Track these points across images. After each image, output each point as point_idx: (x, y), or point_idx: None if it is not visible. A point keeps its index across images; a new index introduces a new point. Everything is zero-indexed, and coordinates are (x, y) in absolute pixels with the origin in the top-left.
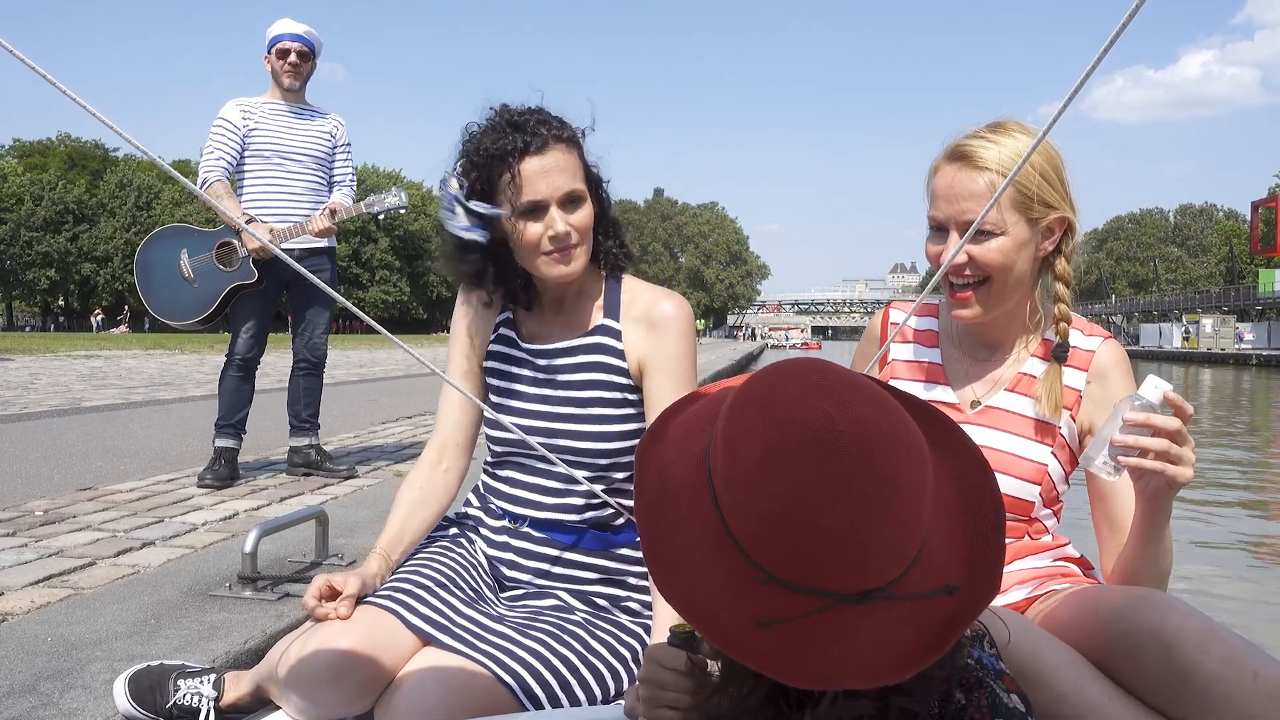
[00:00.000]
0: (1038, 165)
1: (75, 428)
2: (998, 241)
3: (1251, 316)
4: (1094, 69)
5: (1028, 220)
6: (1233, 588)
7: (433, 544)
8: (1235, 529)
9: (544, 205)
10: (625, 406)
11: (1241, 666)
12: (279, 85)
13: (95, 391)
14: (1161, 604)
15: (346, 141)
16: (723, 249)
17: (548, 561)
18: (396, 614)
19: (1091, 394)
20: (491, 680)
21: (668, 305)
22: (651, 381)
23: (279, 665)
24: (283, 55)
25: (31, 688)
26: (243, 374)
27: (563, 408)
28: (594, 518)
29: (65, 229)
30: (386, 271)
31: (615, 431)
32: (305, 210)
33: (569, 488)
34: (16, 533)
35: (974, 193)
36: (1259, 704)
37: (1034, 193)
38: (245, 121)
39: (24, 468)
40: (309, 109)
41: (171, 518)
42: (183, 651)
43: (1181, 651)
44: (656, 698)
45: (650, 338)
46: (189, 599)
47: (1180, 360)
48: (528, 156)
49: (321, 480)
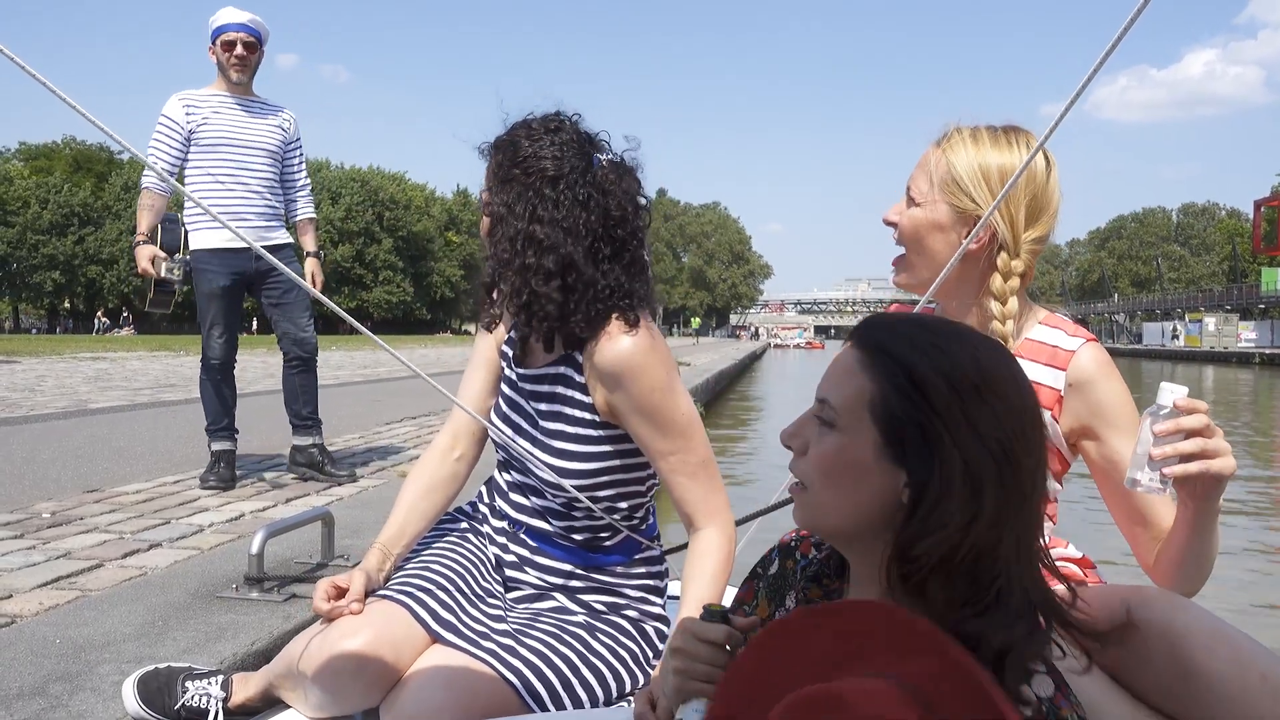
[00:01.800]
0: (984, 164)
1: (81, 429)
2: (916, 210)
3: (1254, 315)
4: (1093, 75)
5: (948, 204)
6: (1242, 591)
7: (443, 537)
8: (1246, 533)
9: None
10: (589, 443)
11: (1249, 667)
12: (225, 78)
13: (101, 393)
14: (1170, 603)
15: (298, 137)
16: (725, 249)
17: (544, 571)
18: (409, 609)
19: (1074, 406)
20: (495, 680)
21: (626, 343)
22: (631, 422)
23: (300, 660)
24: (228, 47)
25: (41, 690)
26: (221, 377)
27: (532, 431)
28: (583, 539)
29: (71, 232)
30: (390, 272)
31: (575, 469)
32: (259, 204)
33: (552, 506)
34: (24, 535)
35: (921, 165)
36: (1266, 705)
37: (963, 184)
38: (190, 117)
39: (31, 469)
40: (259, 102)
41: (178, 519)
42: (190, 653)
43: (1189, 651)
44: (690, 669)
45: (614, 387)
46: (196, 600)
47: (1184, 359)
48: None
49: (326, 481)
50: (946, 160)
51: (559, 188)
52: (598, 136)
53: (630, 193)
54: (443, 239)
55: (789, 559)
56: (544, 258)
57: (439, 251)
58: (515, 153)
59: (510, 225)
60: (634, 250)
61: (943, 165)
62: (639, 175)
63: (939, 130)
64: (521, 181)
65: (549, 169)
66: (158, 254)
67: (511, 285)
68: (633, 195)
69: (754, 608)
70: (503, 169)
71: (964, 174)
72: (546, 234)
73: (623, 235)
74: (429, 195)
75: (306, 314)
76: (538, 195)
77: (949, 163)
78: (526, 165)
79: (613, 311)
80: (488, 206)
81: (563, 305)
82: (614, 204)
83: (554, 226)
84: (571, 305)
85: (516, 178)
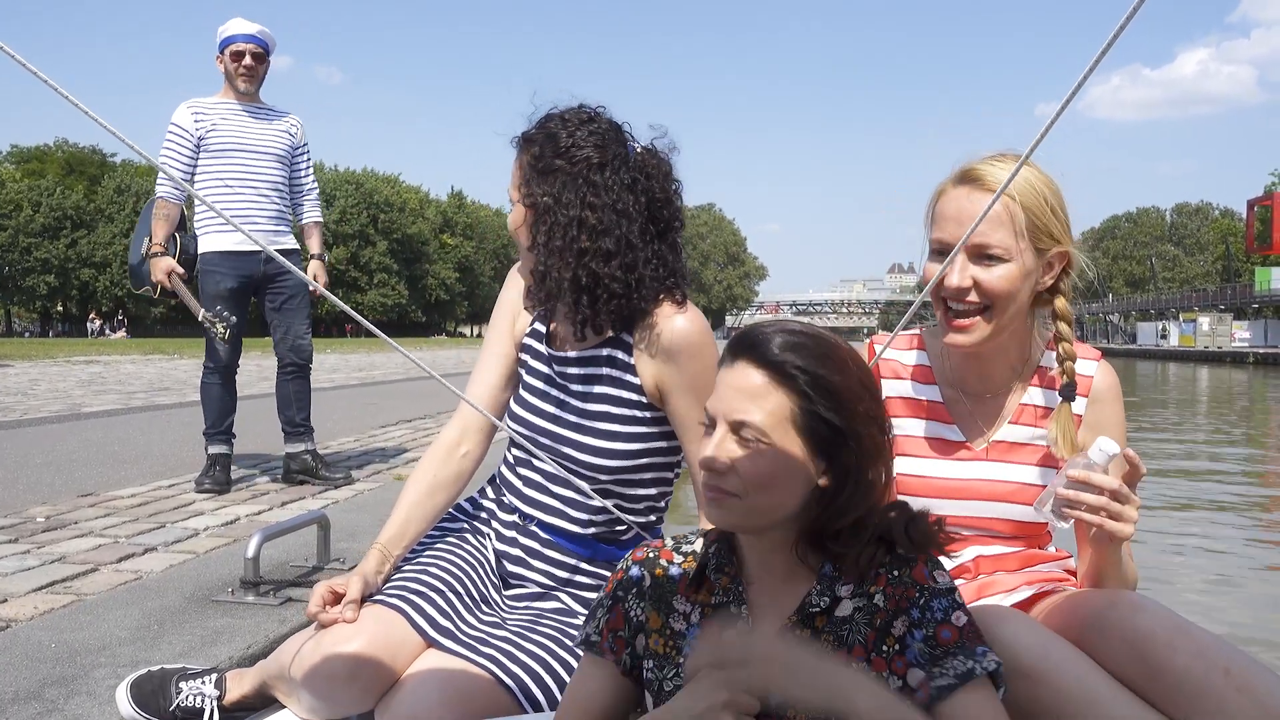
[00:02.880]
0: (1047, 198)
1: (75, 433)
2: (1005, 268)
3: (1248, 315)
4: (1087, 76)
5: (1035, 250)
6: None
7: (442, 539)
8: (1241, 534)
9: None
10: (634, 424)
11: (1211, 661)
12: (233, 88)
13: (95, 397)
14: (1131, 604)
15: (305, 142)
16: (720, 250)
17: (552, 565)
18: (405, 614)
19: (1086, 420)
20: (493, 684)
21: (681, 322)
22: (677, 401)
23: (292, 665)
24: (237, 57)
25: (37, 694)
26: (223, 380)
27: (570, 416)
28: (599, 531)
29: (64, 235)
30: (385, 275)
31: (620, 449)
32: (268, 208)
33: (575, 497)
34: (19, 539)
35: (961, 213)
36: (1231, 698)
37: (1043, 224)
38: (199, 124)
39: (25, 474)
40: (265, 108)
41: (173, 523)
42: (186, 657)
43: (1151, 650)
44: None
45: (666, 363)
46: (192, 604)
47: (1178, 359)
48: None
49: (321, 485)
50: (1019, 206)
51: (605, 174)
52: (624, 126)
53: (669, 175)
54: (437, 241)
55: (654, 569)
56: (601, 240)
57: (434, 254)
58: (555, 144)
59: (560, 214)
60: (677, 230)
61: (1020, 213)
62: (672, 160)
63: (952, 169)
64: (567, 171)
65: (594, 157)
66: (175, 268)
67: (569, 271)
68: (671, 178)
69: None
70: (543, 160)
71: (1043, 216)
72: (600, 218)
73: (667, 216)
74: (424, 198)
75: (306, 322)
76: (587, 183)
77: (1027, 208)
78: (571, 155)
79: (661, 290)
80: (528, 198)
81: (625, 283)
82: (656, 186)
83: (607, 210)
84: (633, 283)
85: (560, 168)
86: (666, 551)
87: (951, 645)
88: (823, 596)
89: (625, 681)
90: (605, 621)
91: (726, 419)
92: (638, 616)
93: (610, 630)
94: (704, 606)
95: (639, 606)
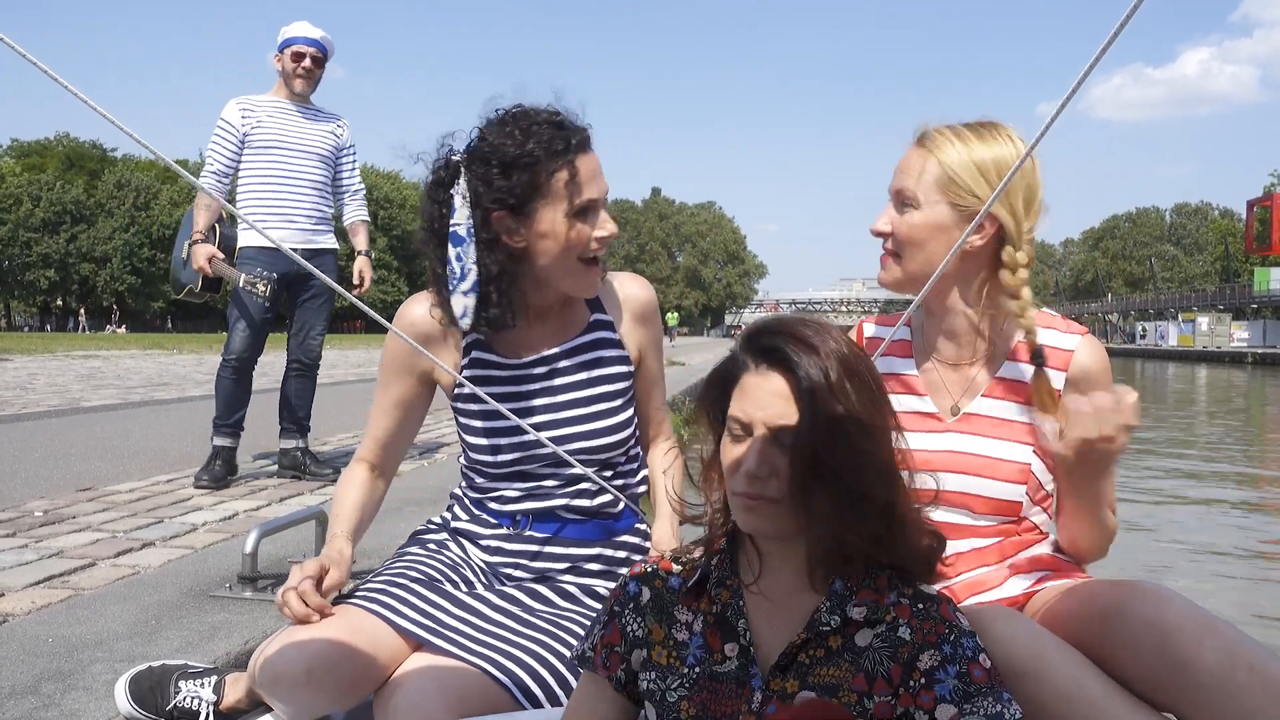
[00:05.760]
0: (986, 156)
1: (74, 428)
2: (912, 214)
3: (1247, 315)
4: (1087, 74)
5: (949, 203)
6: (1236, 591)
7: (420, 547)
8: (1239, 530)
9: (597, 205)
10: (626, 396)
11: (1237, 659)
12: (288, 87)
13: (94, 391)
14: (1159, 596)
15: (351, 144)
16: (720, 248)
17: (550, 559)
18: (383, 616)
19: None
20: (489, 681)
21: (639, 290)
22: (649, 356)
23: (264, 665)
24: (298, 58)
25: (33, 689)
26: (238, 374)
27: (569, 410)
28: (598, 507)
29: (64, 229)
30: (384, 271)
31: (622, 421)
32: (308, 205)
33: (579, 487)
34: (16, 533)
35: (908, 168)
36: (1254, 697)
37: (962, 181)
38: (245, 120)
39: (23, 468)
40: (314, 109)
41: (171, 518)
42: (184, 652)
43: (1178, 643)
44: None
45: (643, 327)
46: (189, 599)
47: (1177, 359)
48: (584, 153)
49: (319, 480)
50: (938, 160)
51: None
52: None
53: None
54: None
55: (654, 581)
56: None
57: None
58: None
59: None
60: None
61: (934, 165)
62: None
63: (911, 133)
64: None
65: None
66: (216, 254)
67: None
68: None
69: (629, 643)
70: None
71: (961, 171)
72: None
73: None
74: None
75: (324, 323)
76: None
77: (942, 162)
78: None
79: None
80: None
81: None
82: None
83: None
84: None
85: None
86: (665, 563)
87: (983, 685)
88: (833, 615)
89: (619, 696)
90: (601, 637)
91: (766, 425)
92: (635, 632)
93: (605, 645)
94: (706, 615)
95: (637, 621)
